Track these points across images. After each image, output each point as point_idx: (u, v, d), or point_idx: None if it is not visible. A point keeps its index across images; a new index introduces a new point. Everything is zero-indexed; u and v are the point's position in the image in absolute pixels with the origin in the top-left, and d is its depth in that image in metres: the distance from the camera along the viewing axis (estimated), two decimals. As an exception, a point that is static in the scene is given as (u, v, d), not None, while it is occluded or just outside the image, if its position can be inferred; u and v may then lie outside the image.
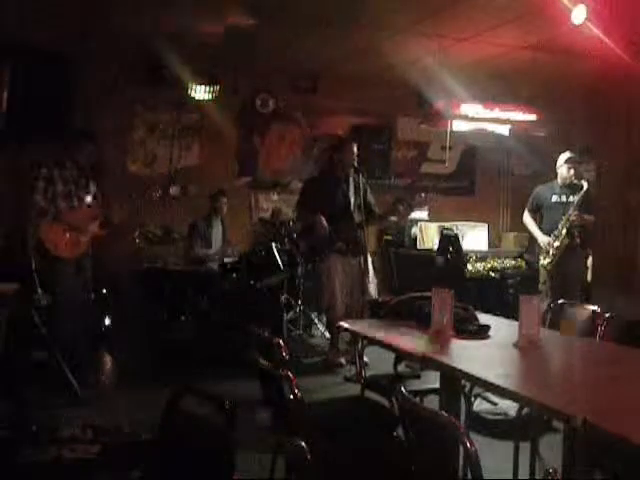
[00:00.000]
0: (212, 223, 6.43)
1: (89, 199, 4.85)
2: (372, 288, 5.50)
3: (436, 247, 6.75)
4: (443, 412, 1.89)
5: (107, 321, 5.01)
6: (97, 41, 6.08)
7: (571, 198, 5.52)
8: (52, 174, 4.68)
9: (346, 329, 3.58)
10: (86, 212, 4.81)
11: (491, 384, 2.20)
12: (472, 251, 6.99)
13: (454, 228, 6.88)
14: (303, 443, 2.13)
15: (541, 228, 5.69)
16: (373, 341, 3.13)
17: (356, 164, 5.39)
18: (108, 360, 5.06)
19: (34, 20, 5.48)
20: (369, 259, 5.53)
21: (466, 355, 2.66)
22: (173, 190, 6.93)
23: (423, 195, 7.81)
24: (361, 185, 5.45)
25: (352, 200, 5.35)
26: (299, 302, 6.39)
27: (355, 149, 5.43)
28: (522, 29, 5.52)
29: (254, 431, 2.69)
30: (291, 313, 6.38)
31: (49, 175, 4.67)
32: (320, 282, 5.56)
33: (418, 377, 3.72)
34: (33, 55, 5.97)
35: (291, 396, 2.19)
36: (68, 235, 4.67)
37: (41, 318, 4.53)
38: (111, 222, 4.99)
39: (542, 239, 5.61)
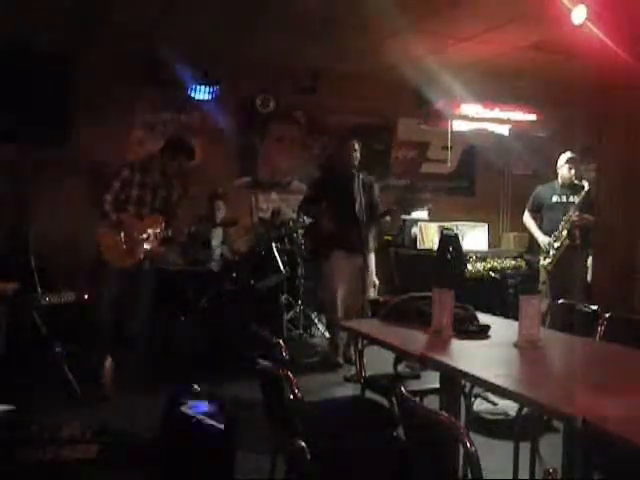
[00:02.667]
0: (211, 228, 6.38)
1: (165, 211, 4.81)
2: (373, 289, 5.48)
3: (436, 247, 6.75)
4: (443, 412, 1.89)
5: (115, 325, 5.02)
6: (97, 41, 6.08)
7: (572, 198, 5.52)
8: (132, 177, 4.64)
9: (346, 329, 3.58)
10: (152, 223, 4.75)
11: (491, 384, 2.19)
12: (472, 251, 6.99)
13: (454, 228, 6.87)
14: (303, 443, 2.13)
15: (541, 228, 5.69)
16: (373, 341, 3.13)
17: (356, 162, 5.39)
18: (108, 360, 5.04)
19: (35, 20, 5.49)
20: (372, 259, 5.52)
21: (466, 355, 2.66)
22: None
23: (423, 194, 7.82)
24: (367, 185, 5.45)
25: (357, 199, 5.30)
26: (299, 302, 6.38)
27: (356, 147, 5.42)
28: (522, 29, 5.53)
29: (254, 431, 2.69)
30: (291, 313, 6.37)
31: (128, 178, 4.64)
32: (322, 280, 5.56)
33: (418, 377, 3.73)
34: (33, 55, 5.98)
35: (291, 396, 2.19)
36: (123, 246, 4.63)
37: (41, 318, 4.54)
38: (173, 237, 4.99)
39: (542, 239, 5.61)
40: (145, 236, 4.71)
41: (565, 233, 5.43)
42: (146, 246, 4.73)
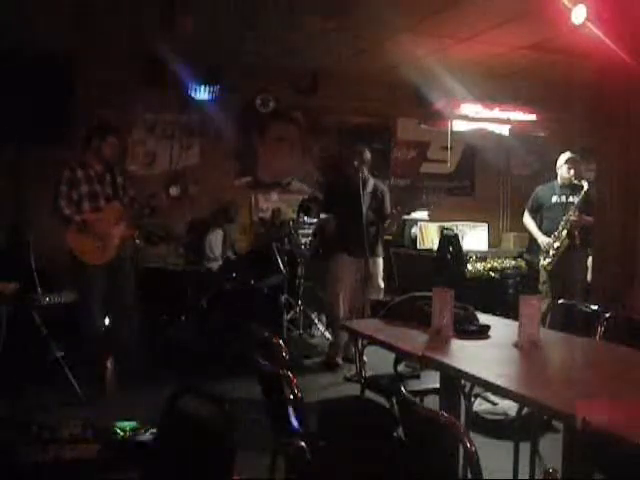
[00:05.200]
0: (212, 230, 6.38)
1: (117, 195, 4.78)
2: (376, 292, 5.47)
3: (436, 247, 6.76)
4: (443, 412, 1.89)
5: (107, 321, 5.00)
6: (97, 41, 6.08)
7: (571, 198, 5.51)
8: (75, 176, 4.62)
9: (346, 329, 3.58)
10: (112, 212, 4.72)
11: (491, 384, 2.20)
12: (472, 251, 6.99)
13: (454, 228, 6.88)
14: (303, 443, 2.13)
15: (541, 229, 5.69)
16: (373, 341, 3.13)
17: (366, 168, 5.41)
18: (109, 360, 5.05)
19: (35, 20, 5.49)
20: (380, 264, 5.53)
21: (466, 355, 2.67)
22: (173, 190, 6.92)
23: (424, 197, 7.83)
24: (379, 193, 5.49)
25: (365, 203, 5.25)
26: (299, 302, 6.38)
27: (366, 154, 5.44)
28: (522, 29, 5.53)
29: (254, 431, 2.69)
30: (291, 313, 6.37)
31: (72, 177, 4.61)
32: (325, 281, 5.56)
33: (418, 377, 3.72)
34: (34, 55, 5.97)
35: (291, 396, 2.19)
36: (97, 244, 4.61)
37: (41, 318, 4.54)
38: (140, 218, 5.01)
39: (542, 240, 5.61)
40: (112, 226, 4.69)
41: (565, 233, 5.43)
42: (118, 234, 4.72)
